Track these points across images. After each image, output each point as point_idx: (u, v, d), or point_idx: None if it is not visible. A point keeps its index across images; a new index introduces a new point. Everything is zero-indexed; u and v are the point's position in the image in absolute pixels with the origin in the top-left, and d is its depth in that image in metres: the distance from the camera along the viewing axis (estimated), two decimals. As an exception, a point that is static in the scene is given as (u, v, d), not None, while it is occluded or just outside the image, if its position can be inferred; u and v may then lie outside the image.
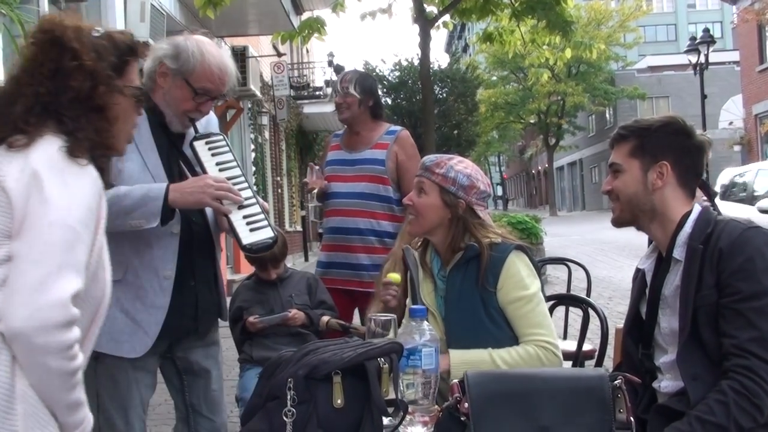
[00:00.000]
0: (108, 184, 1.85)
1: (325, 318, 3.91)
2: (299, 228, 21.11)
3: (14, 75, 1.78)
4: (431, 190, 2.56)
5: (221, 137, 2.77)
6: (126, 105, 1.86)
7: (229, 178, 2.62)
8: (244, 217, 2.59)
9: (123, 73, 1.86)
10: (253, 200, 2.63)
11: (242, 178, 2.68)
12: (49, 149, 1.67)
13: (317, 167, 4.10)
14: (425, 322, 2.01)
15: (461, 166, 2.59)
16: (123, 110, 1.85)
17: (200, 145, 2.69)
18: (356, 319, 4.27)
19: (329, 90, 22.89)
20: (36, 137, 1.69)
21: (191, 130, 2.74)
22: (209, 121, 2.87)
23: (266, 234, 2.60)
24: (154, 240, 2.58)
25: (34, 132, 1.69)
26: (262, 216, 2.62)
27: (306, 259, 19.42)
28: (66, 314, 1.59)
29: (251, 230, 2.59)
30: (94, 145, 1.74)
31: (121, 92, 1.83)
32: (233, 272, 13.28)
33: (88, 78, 1.75)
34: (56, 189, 1.64)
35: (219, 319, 2.93)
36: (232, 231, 2.58)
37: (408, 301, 2.77)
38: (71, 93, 1.73)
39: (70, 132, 1.71)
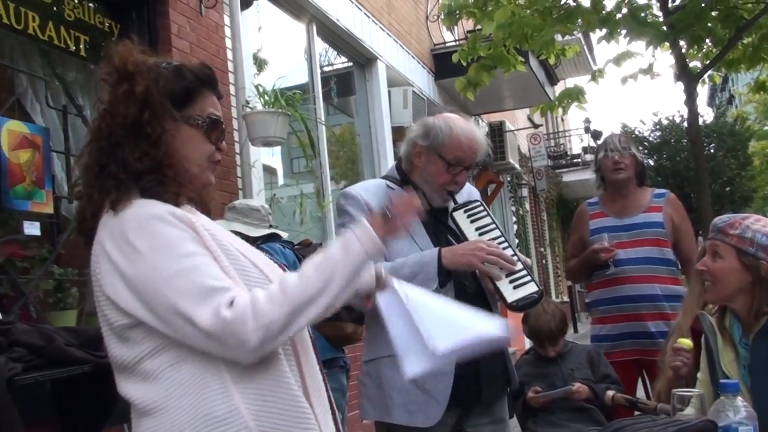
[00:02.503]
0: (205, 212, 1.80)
1: (611, 393, 3.75)
2: (566, 298, 20.64)
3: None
4: (727, 254, 2.40)
5: (479, 203, 2.83)
6: (187, 134, 1.78)
7: (491, 239, 2.66)
8: (507, 275, 2.60)
9: (188, 102, 1.79)
10: (515, 258, 2.63)
11: (502, 238, 2.71)
12: (107, 224, 1.66)
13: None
14: (739, 398, 1.86)
15: (759, 224, 2.41)
16: (180, 138, 1.76)
17: (459, 215, 2.77)
18: (639, 391, 4.07)
19: (588, 157, 22.53)
20: (102, 201, 1.69)
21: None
22: (470, 194, 2.94)
23: (530, 289, 2.59)
24: None
25: (97, 193, 1.70)
26: (524, 272, 2.62)
27: (575, 330, 18.87)
28: (220, 324, 1.54)
29: (515, 288, 2.59)
30: (147, 175, 1.70)
31: (174, 119, 1.75)
32: (503, 346, 13.21)
33: (138, 104, 1.71)
34: (120, 252, 1.61)
35: (506, 396, 2.92)
36: (496, 291, 2.60)
37: (699, 374, 2.59)
38: (119, 119, 1.71)
39: (124, 161, 1.69)
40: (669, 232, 3.98)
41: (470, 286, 2.76)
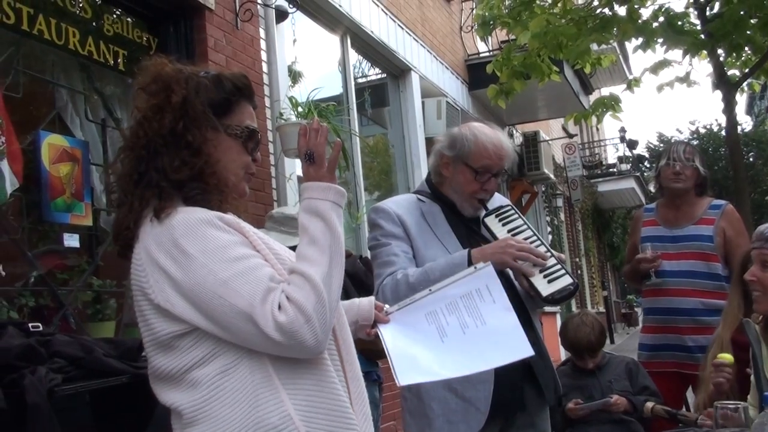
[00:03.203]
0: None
1: (650, 404, 3.71)
2: (602, 309, 20.45)
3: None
4: None
5: (509, 207, 2.82)
6: (226, 144, 1.78)
7: (524, 239, 2.64)
8: (541, 271, 2.58)
9: (227, 112, 1.79)
10: (548, 254, 2.61)
11: (535, 237, 2.68)
12: (152, 232, 1.65)
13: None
14: (784, 411, 1.82)
15: None
16: (221, 147, 1.77)
17: (491, 219, 2.76)
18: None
19: (624, 166, 22.34)
20: (142, 209, 1.68)
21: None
22: (500, 203, 2.91)
23: (565, 282, 2.57)
24: None
25: (138, 202, 1.69)
26: (558, 266, 2.60)
27: (612, 341, 18.66)
28: (279, 328, 1.55)
29: (549, 281, 2.57)
30: (190, 183, 1.70)
31: (215, 128, 1.75)
32: (538, 357, 13.10)
33: (176, 113, 1.72)
34: (170, 258, 1.61)
35: (548, 407, 2.89)
36: (531, 286, 2.57)
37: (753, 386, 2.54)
38: (158, 128, 1.71)
39: (162, 170, 1.69)
40: (719, 245, 3.87)
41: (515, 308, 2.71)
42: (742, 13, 6.63)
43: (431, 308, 2.13)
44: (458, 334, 2.09)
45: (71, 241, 4.13)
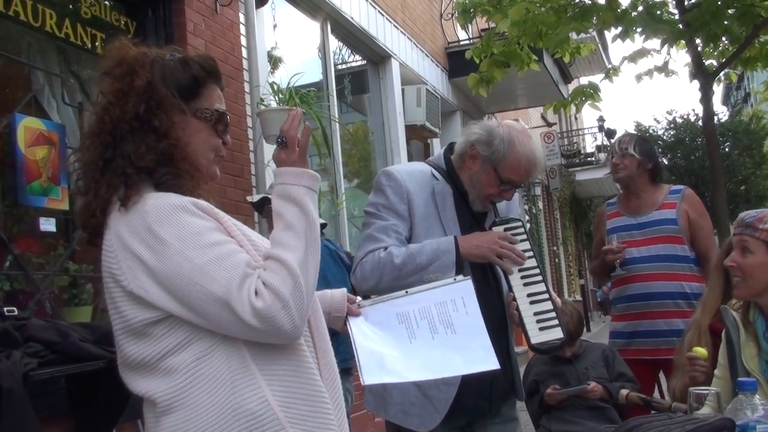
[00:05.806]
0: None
1: (625, 391, 3.74)
2: (578, 297, 20.61)
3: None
4: (757, 248, 2.38)
5: (519, 224, 2.74)
6: (195, 127, 1.75)
7: (524, 268, 2.60)
8: (535, 313, 2.54)
9: (196, 95, 1.77)
10: (546, 295, 2.57)
11: (537, 270, 2.62)
12: (123, 219, 1.62)
13: (614, 235, 3.99)
14: (756, 397, 1.84)
15: None
16: (189, 131, 1.74)
17: (499, 231, 2.69)
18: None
19: (602, 155, 22.46)
20: (110, 197, 1.65)
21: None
22: (511, 203, 2.87)
23: (555, 335, 2.51)
24: None
25: (104, 189, 1.66)
26: (553, 314, 2.55)
27: (588, 329, 18.81)
28: (256, 314, 1.54)
29: (540, 329, 2.53)
30: (161, 168, 1.67)
31: (183, 112, 1.72)
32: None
33: (141, 97, 1.68)
34: (144, 245, 1.58)
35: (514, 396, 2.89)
36: (522, 326, 2.54)
37: (717, 371, 2.57)
38: (123, 113, 1.67)
39: (128, 156, 1.66)
40: (684, 228, 3.93)
41: (493, 302, 2.67)
42: (719, 3, 6.67)
43: (404, 309, 2.12)
44: (427, 338, 2.09)
45: (47, 225, 4.09)
